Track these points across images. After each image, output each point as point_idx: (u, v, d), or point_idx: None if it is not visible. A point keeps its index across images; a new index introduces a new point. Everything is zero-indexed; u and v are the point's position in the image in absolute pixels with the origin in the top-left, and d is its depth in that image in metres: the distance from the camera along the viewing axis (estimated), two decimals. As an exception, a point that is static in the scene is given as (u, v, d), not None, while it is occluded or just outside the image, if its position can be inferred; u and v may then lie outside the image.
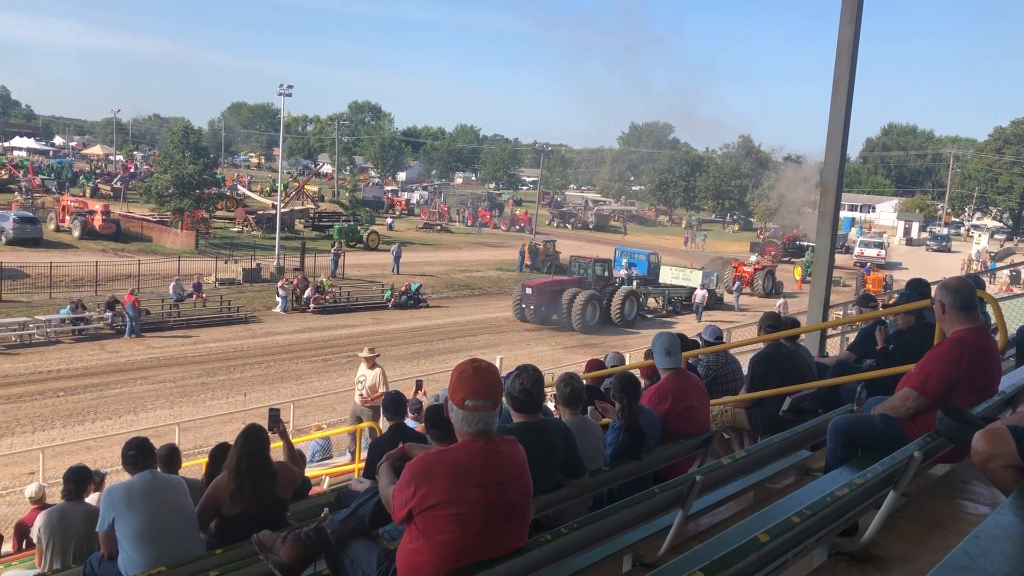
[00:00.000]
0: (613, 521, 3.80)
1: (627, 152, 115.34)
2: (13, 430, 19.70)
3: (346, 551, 3.60)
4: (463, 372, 3.21)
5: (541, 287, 37.08)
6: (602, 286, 38.30)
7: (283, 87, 46.28)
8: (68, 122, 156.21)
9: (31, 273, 34.90)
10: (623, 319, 37.34)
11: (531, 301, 36.52)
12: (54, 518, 6.77)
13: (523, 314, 36.86)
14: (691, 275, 44.75)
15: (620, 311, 37.31)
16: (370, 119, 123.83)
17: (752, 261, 51.46)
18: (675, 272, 45.97)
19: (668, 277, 45.44)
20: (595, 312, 36.41)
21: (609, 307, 37.38)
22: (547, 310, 36.44)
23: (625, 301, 37.70)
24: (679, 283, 44.41)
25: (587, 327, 35.52)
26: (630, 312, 38.01)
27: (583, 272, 39.35)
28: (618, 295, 37.70)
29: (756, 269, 49.62)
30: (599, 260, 40.65)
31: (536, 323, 36.48)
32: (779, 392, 6.98)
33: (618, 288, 38.61)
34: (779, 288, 48.59)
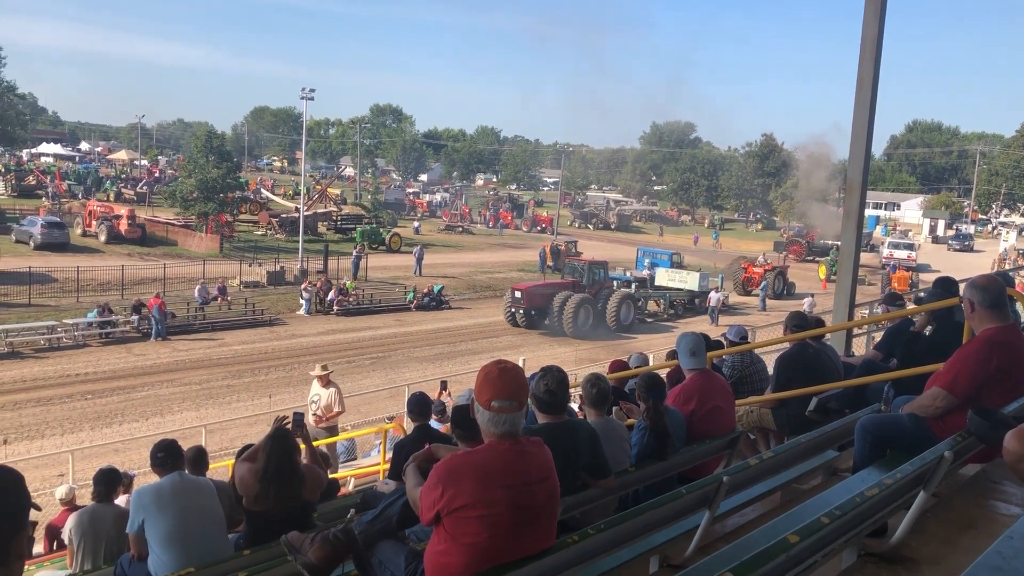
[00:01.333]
0: (640, 522, 3.79)
1: (648, 152, 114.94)
2: (43, 432, 19.96)
3: (374, 552, 3.62)
4: (489, 373, 3.21)
5: (530, 291, 35.62)
6: (597, 289, 36.76)
7: (305, 91, 46.59)
8: (94, 128, 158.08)
9: (59, 277, 35.34)
10: (619, 323, 35.89)
11: (520, 305, 35.25)
12: (84, 519, 6.85)
13: (514, 319, 35.66)
14: (688, 277, 42.99)
15: (616, 315, 35.83)
16: (391, 122, 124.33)
17: (762, 261, 49.87)
18: (671, 274, 44.16)
19: (664, 279, 43.68)
20: (588, 316, 34.87)
21: (604, 311, 35.87)
22: (537, 315, 35.17)
23: (621, 305, 36.28)
24: (675, 285, 42.77)
25: (579, 332, 34.05)
26: (627, 316, 36.60)
27: (578, 275, 37.73)
28: (614, 298, 36.27)
29: (766, 270, 47.93)
30: (594, 263, 39.16)
31: (527, 328, 35.29)
32: (805, 392, 6.92)
33: (614, 291, 37.31)
34: (791, 289, 47.41)
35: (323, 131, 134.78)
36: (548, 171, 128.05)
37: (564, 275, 38.71)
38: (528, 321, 35.23)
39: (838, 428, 5.71)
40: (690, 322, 38.23)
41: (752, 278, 47.61)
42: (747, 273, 48.33)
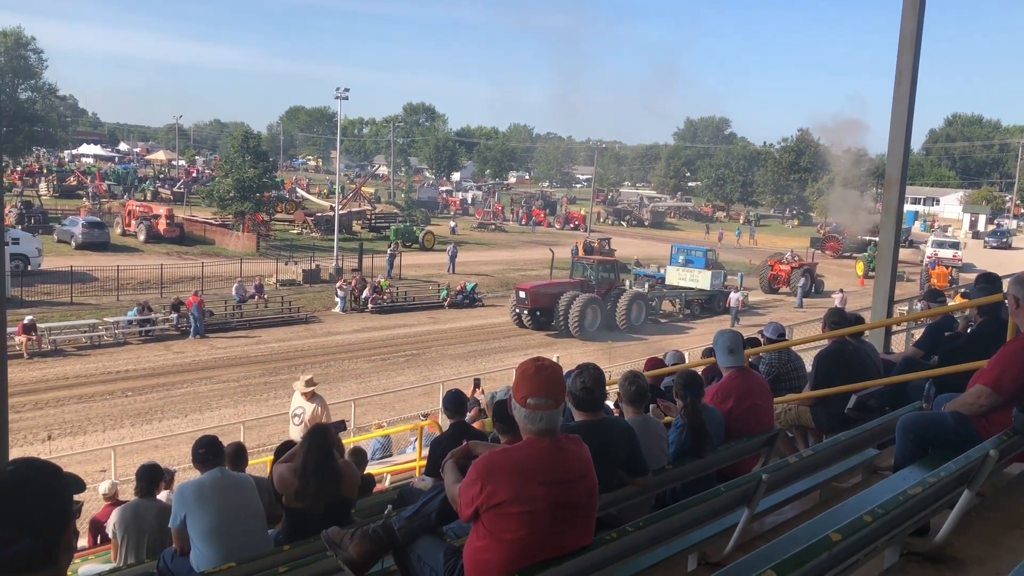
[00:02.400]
0: (679, 519, 3.78)
1: (682, 148, 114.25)
2: (85, 429, 20.32)
3: (413, 548, 3.64)
4: (526, 371, 3.22)
5: (535, 290, 34.20)
6: (607, 289, 35.39)
7: (339, 91, 47.00)
8: (132, 129, 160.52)
9: (99, 276, 35.97)
10: (629, 324, 34.56)
11: (524, 305, 33.91)
12: (128, 514, 6.97)
13: (520, 320, 34.47)
14: (700, 275, 41.18)
15: (626, 316, 34.53)
16: (424, 120, 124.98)
17: (789, 259, 48.55)
18: (682, 272, 42.38)
19: (675, 278, 42.16)
20: (596, 317, 33.63)
21: (614, 311, 34.58)
22: (543, 315, 33.93)
23: (632, 305, 34.95)
24: (686, 284, 41.27)
25: (586, 333, 32.83)
26: (638, 317, 35.25)
27: (586, 274, 36.39)
28: (624, 298, 34.93)
29: (793, 267, 46.70)
30: (603, 261, 37.91)
31: (534, 329, 34.12)
32: (844, 390, 6.85)
33: (625, 291, 36.04)
34: (819, 287, 46.20)
35: (357, 130, 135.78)
36: (581, 168, 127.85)
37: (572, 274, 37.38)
38: (535, 322, 34.18)
39: (878, 426, 5.64)
40: (707, 323, 37.41)
41: (779, 276, 46.67)
42: (774, 271, 47.28)
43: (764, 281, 47.43)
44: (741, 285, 42.21)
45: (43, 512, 1.89)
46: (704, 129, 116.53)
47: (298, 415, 12.27)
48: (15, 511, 1.84)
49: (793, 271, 46.15)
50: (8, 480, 1.88)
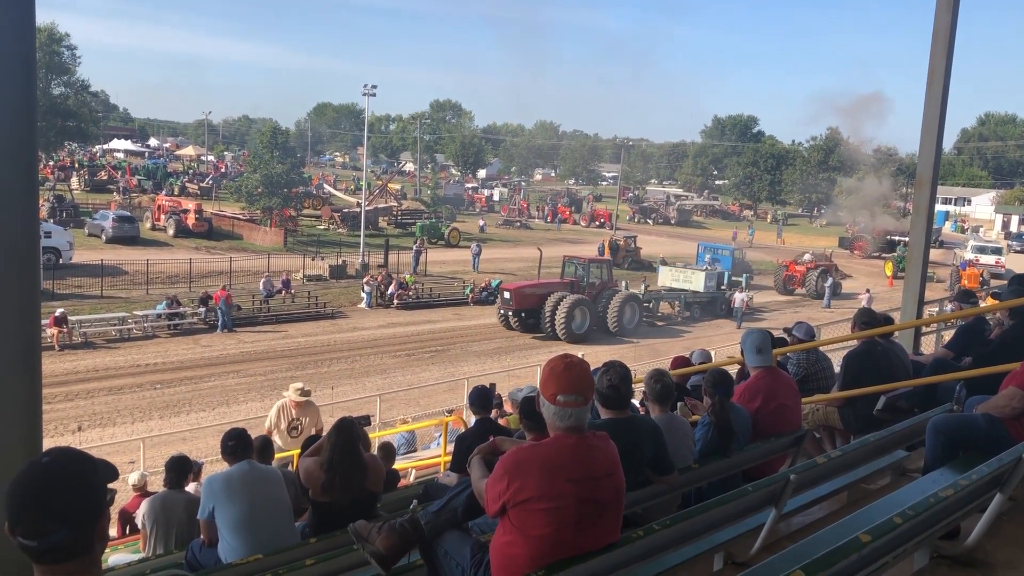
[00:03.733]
0: (705, 518, 3.77)
1: (710, 146, 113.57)
2: (114, 420, 20.57)
3: (440, 542, 3.66)
4: (554, 368, 3.23)
5: (520, 291, 32.46)
6: (599, 290, 33.80)
7: (367, 87, 47.20)
8: (162, 124, 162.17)
9: (129, 270, 36.37)
10: (621, 327, 32.98)
11: (509, 307, 32.38)
12: (157, 505, 7.06)
13: (507, 321, 33.05)
14: (692, 276, 39.50)
15: (618, 318, 32.93)
16: (451, 117, 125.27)
17: (805, 259, 47.24)
18: (675, 273, 40.55)
19: (668, 279, 40.23)
20: (584, 319, 32.01)
21: (605, 314, 33.05)
22: (528, 316, 32.29)
23: (624, 307, 33.29)
24: (679, 285, 39.31)
25: (573, 336, 31.23)
26: (631, 320, 33.63)
27: (577, 274, 34.62)
28: (616, 300, 33.19)
29: (809, 268, 45.51)
30: (595, 261, 36.04)
31: (521, 331, 32.55)
32: (873, 390, 6.79)
33: (617, 291, 34.20)
34: (838, 288, 44.61)
35: (384, 127, 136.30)
36: (607, 166, 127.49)
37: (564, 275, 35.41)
38: (522, 324, 32.58)
39: (907, 428, 5.60)
40: (706, 326, 36.28)
41: (794, 276, 45.56)
42: (789, 271, 46.10)
43: (779, 282, 46.34)
44: (746, 286, 40.63)
45: (78, 502, 1.91)
46: (732, 127, 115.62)
47: (296, 427, 11.57)
48: (51, 502, 1.87)
49: (809, 272, 45.17)
50: (44, 471, 1.91)
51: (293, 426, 11.58)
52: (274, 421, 11.49)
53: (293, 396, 11.43)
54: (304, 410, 11.54)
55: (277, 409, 11.59)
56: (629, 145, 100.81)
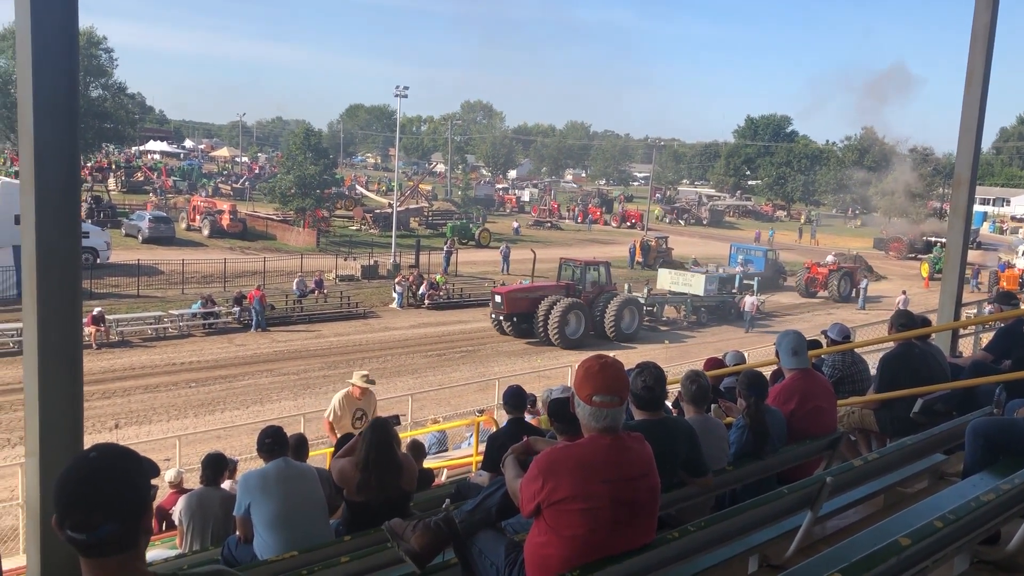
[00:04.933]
0: (741, 520, 3.75)
1: (742, 145, 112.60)
2: (150, 418, 20.86)
3: (474, 542, 3.67)
4: (590, 368, 3.22)
5: (512, 295, 31.32)
6: (596, 294, 32.55)
7: (399, 88, 47.48)
8: (197, 126, 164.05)
9: (165, 270, 36.92)
10: (619, 332, 31.78)
11: (500, 311, 31.32)
12: (193, 502, 7.15)
13: (500, 326, 32.12)
14: (693, 279, 38.28)
15: (615, 323, 31.72)
16: (482, 118, 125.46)
17: (828, 261, 46.24)
18: (674, 276, 39.35)
19: (667, 282, 38.83)
20: (579, 324, 30.97)
21: (603, 318, 31.83)
22: (520, 321, 31.25)
23: (623, 311, 32.07)
24: (679, 289, 37.96)
25: (567, 341, 30.19)
26: (630, 324, 32.49)
27: (573, 277, 33.40)
28: (613, 304, 31.87)
29: (831, 270, 44.55)
30: (592, 263, 34.35)
31: (516, 337, 31.55)
32: (911, 393, 6.70)
33: (615, 295, 32.85)
34: (860, 292, 43.50)
35: (415, 128, 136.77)
36: (638, 166, 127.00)
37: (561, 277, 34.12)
38: (516, 329, 31.56)
39: (946, 431, 5.53)
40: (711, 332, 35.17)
41: (816, 279, 44.58)
42: (811, 273, 45.13)
43: (801, 284, 45.38)
44: (757, 290, 39.38)
45: (124, 497, 1.95)
46: (765, 127, 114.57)
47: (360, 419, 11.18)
48: (98, 496, 1.91)
49: (831, 273, 44.20)
50: (92, 466, 1.95)
51: (358, 416, 11.26)
52: (337, 411, 11.11)
53: (358, 382, 11.09)
54: (368, 399, 11.29)
55: (340, 398, 11.21)
56: (661, 145, 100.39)
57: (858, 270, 46.72)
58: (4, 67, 55.61)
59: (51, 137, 3.52)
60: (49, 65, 3.48)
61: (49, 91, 3.48)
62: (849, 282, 44.39)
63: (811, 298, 44.21)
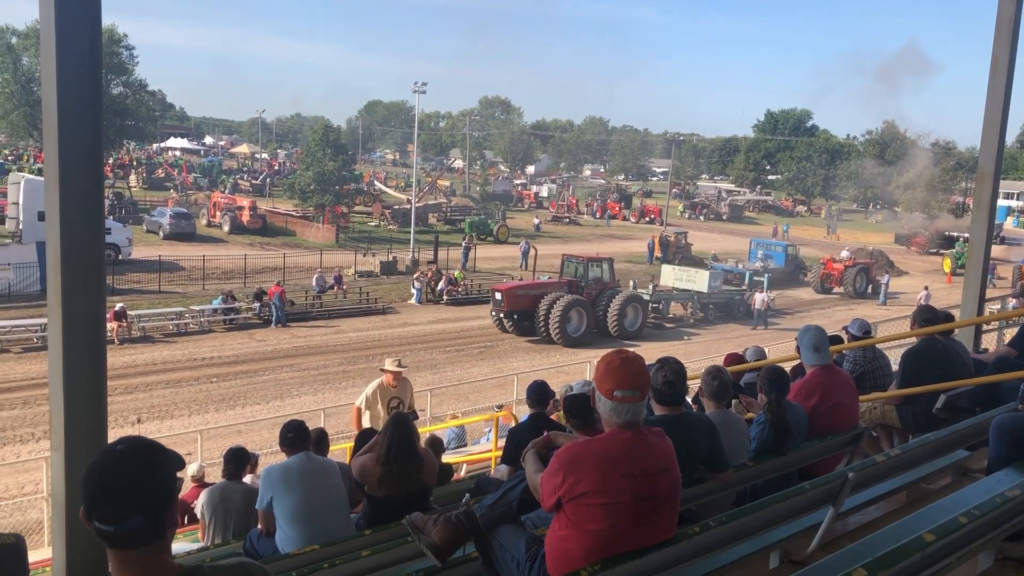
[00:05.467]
0: (762, 516, 3.74)
1: (762, 140, 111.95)
2: (172, 413, 21.03)
3: (495, 536, 3.68)
4: (611, 363, 3.22)
5: (512, 292, 30.76)
6: (599, 291, 31.91)
7: (417, 84, 47.52)
8: (217, 122, 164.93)
9: (186, 266, 37.20)
10: (623, 330, 31.06)
11: (501, 308, 30.75)
12: (216, 496, 7.21)
13: (501, 323, 31.60)
14: (696, 275, 37.15)
15: (618, 320, 31.03)
16: (500, 114, 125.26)
17: (844, 256, 45.57)
18: (678, 272, 38.36)
19: (670, 279, 37.89)
20: (581, 321, 30.44)
21: (605, 315, 31.23)
22: (521, 318, 30.64)
23: (626, 308, 31.38)
24: (683, 285, 36.94)
25: (569, 339, 29.74)
26: (633, 322, 31.78)
27: (576, 274, 32.75)
28: (616, 301, 31.22)
29: (847, 266, 43.83)
30: (595, 260, 33.59)
31: (518, 334, 30.99)
32: (933, 389, 6.65)
33: (619, 292, 32.15)
34: (878, 288, 42.83)
35: (434, 124, 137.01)
36: (657, 161, 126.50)
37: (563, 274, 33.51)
38: (517, 326, 30.96)
39: (969, 427, 5.47)
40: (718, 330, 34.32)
41: (832, 275, 43.86)
42: (827, 269, 44.38)
43: (816, 280, 44.64)
44: (767, 286, 38.23)
45: (151, 489, 1.97)
46: (785, 121, 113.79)
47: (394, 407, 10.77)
48: (127, 488, 1.93)
49: (847, 269, 43.53)
50: (119, 458, 1.97)
51: (393, 405, 10.90)
52: (371, 399, 10.77)
53: (390, 367, 10.77)
54: (402, 386, 10.97)
55: (373, 388, 10.86)
56: (680, 140, 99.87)
57: (874, 266, 46.14)
58: (28, 65, 56.18)
59: (75, 135, 3.55)
60: (73, 63, 3.51)
61: (73, 89, 3.51)
62: (865, 278, 43.71)
63: (827, 294, 43.64)
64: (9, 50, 56.66)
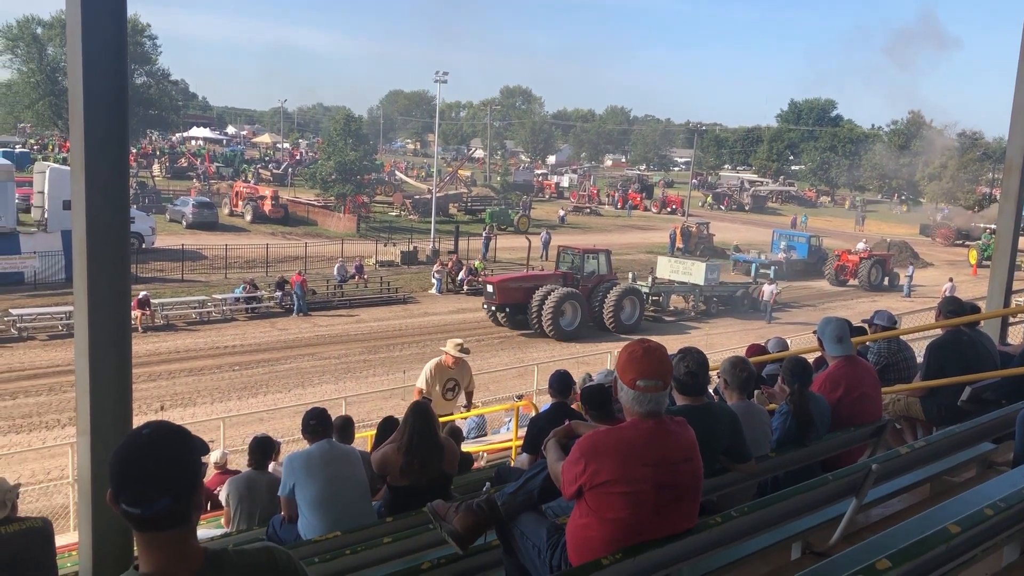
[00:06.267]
0: (784, 507, 3.72)
1: (785, 130, 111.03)
2: (195, 400, 21.22)
3: (516, 524, 3.69)
4: (633, 353, 3.21)
5: (503, 284, 29.99)
6: (595, 283, 31.00)
7: (439, 74, 47.52)
8: (239, 112, 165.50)
9: (208, 255, 37.49)
10: (619, 323, 30.29)
11: (493, 301, 29.92)
12: (243, 486, 7.28)
13: (495, 317, 30.74)
14: (693, 267, 35.63)
15: (614, 314, 30.25)
16: (521, 103, 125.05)
17: (859, 248, 44.98)
18: (674, 265, 36.81)
19: (666, 271, 36.43)
20: (576, 314, 29.61)
21: (601, 309, 30.46)
22: (514, 312, 29.95)
23: (622, 301, 30.57)
24: (678, 277, 35.60)
25: (562, 333, 29.03)
26: (630, 315, 30.98)
27: (572, 266, 31.78)
28: (613, 294, 30.42)
29: (862, 258, 43.05)
30: (591, 251, 32.52)
31: (511, 328, 30.24)
32: (958, 381, 6.59)
33: (615, 284, 31.21)
34: (894, 280, 42.35)
35: (454, 114, 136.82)
36: (679, 151, 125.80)
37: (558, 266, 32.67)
38: (511, 320, 30.28)
39: (995, 420, 5.41)
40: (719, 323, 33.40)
41: (846, 267, 43.17)
42: (841, 261, 43.71)
43: (830, 272, 43.93)
44: (774, 278, 37.48)
45: (178, 472, 2.00)
46: (809, 111, 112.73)
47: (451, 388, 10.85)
48: (154, 471, 1.95)
49: (862, 262, 42.72)
50: (147, 442, 1.99)
51: (449, 387, 10.74)
52: (428, 379, 10.61)
53: (451, 351, 10.55)
54: (461, 369, 10.79)
55: (431, 367, 10.69)
56: (702, 129, 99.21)
57: (891, 258, 45.34)
58: (53, 55, 56.66)
59: (101, 124, 3.59)
60: (99, 53, 3.53)
61: (99, 79, 3.54)
62: (881, 270, 42.96)
63: (841, 286, 43.03)
64: (34, 40, 57.21)
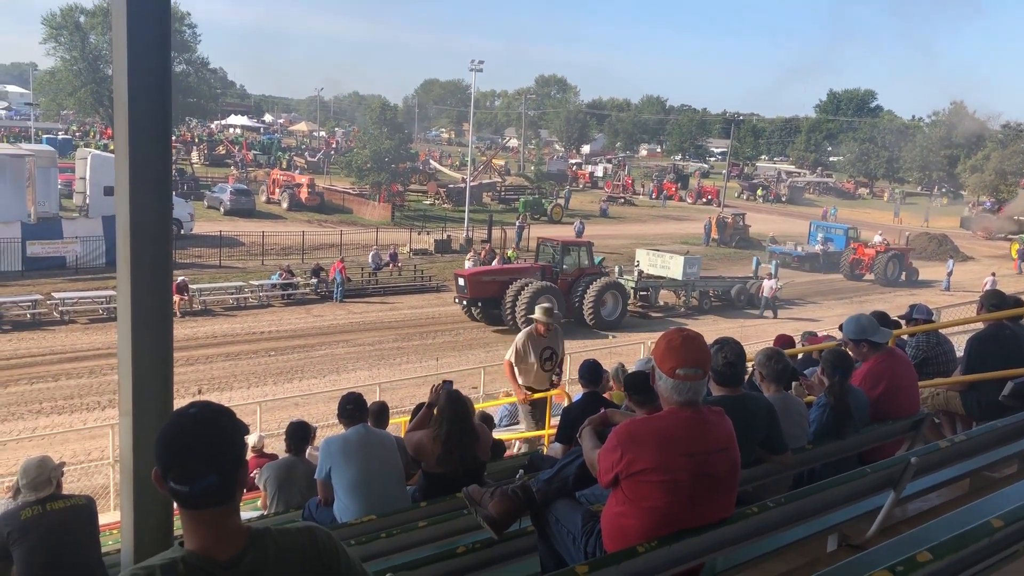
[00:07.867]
0: (821, 499, 3.70)
1: (824, 121, 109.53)
2: (231, 385, 21.49)
3: (551, 510, 3.71)
4: (671, 341, 3.21)
5: (475, 277, 28.59)
6: (575, 277, 29.41)
7: (474, 63, 47.40)
8: (276, 100, 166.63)
9: (245, 241, 37.91)
10: (599, 319, 28.80)
11: (464, 295, 28.49)
12: (282, 472, 7.41)
13: (469, 311, 29.30)
14: (671, 261, 33.30)
15: (594, 309, 28.69)
16: (556, 92, 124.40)
17: (876, 242, 42.87)
18: (652, 258, 34.49)
19: (645, 263, 34.33)
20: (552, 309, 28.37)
21: (581, 304, 28.87)
22: (488, 306, 28.39)
23: (603, 296, 29.05)
24: (656, 271, 33.68)
25: None
26: (612, 311, 29.44)
27: (553, 259, 30.11)
28: (593, 288, 28.76)
29: (879, 251, 41.02)
30: (571, 244, 31.12)
31: (487, 323, 28.81)
32: (1001, 375, 6.49)
33: (596, 279, 29.40)
34: (913, 275, 40.57)
35: (489, 103, 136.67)
36: (716, 141, 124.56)
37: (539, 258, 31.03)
38: (486, 314, 28.72)
39: (1038, 415, 5.32)
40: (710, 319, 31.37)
41: (862, 260, 41.34)
42: (857, 254, 41.84)
43: (845, 266, 42.07)
44: (775, 273, 35.44)
45: (224, 450, 2.04)
46: (848, 101, 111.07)
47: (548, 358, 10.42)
48: (203, 448, 2.00)
49: (878, 255, 40.78)
50: (193, 420, 2.04)
51: (546, 356, 10.30)
52: (519, 350, 10.20)
53: (540, 317, 10.12)
54: (553, 336, 10.39)
55: (523, 338, 10.28)
56: (739, 120, 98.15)
57: (910, 252, 43.31)
58: (95, 43, 57.45)
59: (145, 111, 3.62)
60: (143, 40, 3.57)
61: (143, 66, 3.58)
62: (899, 265, 40.92)
63: (856, 281, 41.18)
64: (77, 29, 58.00)
